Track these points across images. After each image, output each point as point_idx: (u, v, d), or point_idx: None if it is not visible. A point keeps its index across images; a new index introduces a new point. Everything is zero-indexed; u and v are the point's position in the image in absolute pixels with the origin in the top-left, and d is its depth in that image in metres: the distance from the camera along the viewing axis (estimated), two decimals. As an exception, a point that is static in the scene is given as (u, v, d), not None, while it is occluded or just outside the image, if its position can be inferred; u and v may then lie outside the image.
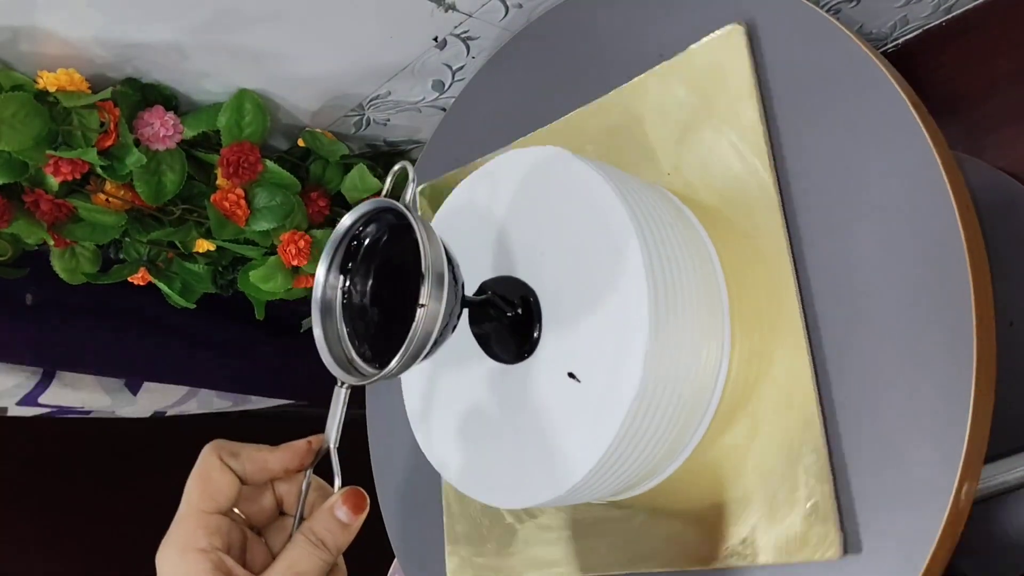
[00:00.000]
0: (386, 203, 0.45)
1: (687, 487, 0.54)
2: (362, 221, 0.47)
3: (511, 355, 0.52)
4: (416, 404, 0.58)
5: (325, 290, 0.48)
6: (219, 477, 0.40)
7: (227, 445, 0.42)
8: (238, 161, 0.84)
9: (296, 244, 0.90)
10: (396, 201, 0.45)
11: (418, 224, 0.42)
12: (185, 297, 0.96)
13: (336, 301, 0.48)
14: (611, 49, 0.66)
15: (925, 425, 0.45)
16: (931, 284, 0.47)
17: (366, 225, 0.48)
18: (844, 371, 0.49)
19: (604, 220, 0.48)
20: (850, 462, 0.47)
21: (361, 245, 0.48)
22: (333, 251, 0.48)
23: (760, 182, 0.53)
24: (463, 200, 0.57)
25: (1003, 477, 0.78)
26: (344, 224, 0.47)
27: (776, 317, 0.51)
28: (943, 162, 0.47)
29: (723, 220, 0.55)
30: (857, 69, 0.51)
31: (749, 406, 0.51)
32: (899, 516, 0.45)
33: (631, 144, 0.61)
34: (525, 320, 0.51)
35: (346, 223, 0.47)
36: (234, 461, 0.41)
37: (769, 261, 0.52)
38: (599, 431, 0.46)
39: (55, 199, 0.82)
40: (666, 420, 0.49)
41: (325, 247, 0.48)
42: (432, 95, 0.92)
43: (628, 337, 0.46)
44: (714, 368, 0.51)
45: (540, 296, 0.51)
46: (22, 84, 0.75)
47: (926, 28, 1.03)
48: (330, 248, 0.48)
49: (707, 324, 0.51)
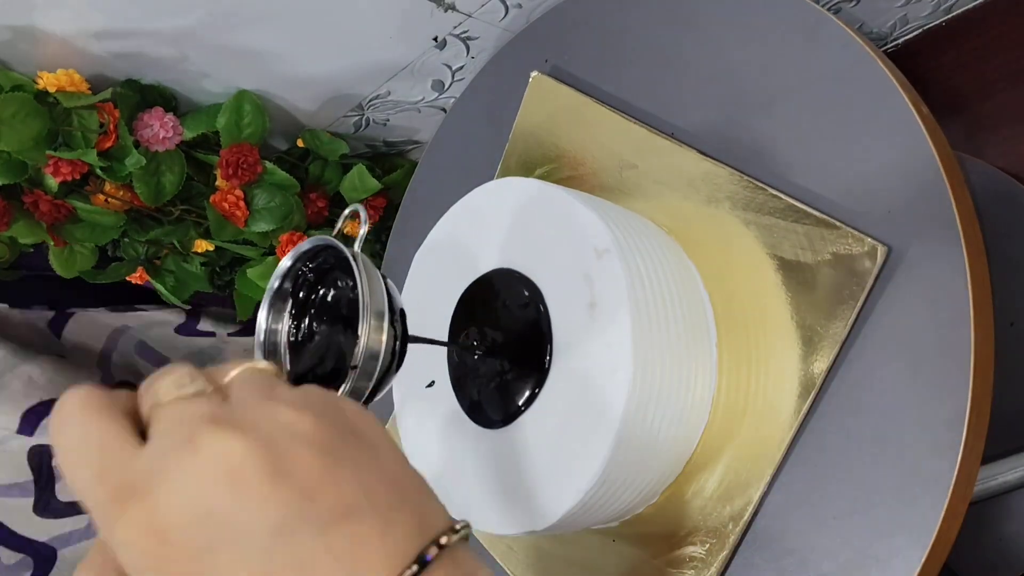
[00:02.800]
0: (326, 241, 0.44)
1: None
2: (303, 260, 0.46)
3: (499, 414, 0.52)
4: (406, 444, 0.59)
5: (268, 332, 0.46)
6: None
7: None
8: (237, 162, 0.84)
9: (295, 244, 0.90)
10: (331, 238, 0.43)
11: (357, 261, 0.42)
12: (177, 294, 0.96)
13: (281, 343, 0.47)
14: (611, 49, 0.66)
15: (923, 425, 0.45)
16: (930, 283, 0.47)
17: (308, 265, 0.46)
18: (843, 370, 0.49)
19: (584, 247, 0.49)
20: (849, 461, 0.47)
21: (303, 286, 0.47)
22: (275, 291, 0.46)
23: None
24: (444, 234, 0.58)
25: (1003, 477, 0.78)
26: (284, 265, 0.46)
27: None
28: (943, 162, 0.47)
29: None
30: (858, 68, 0.51)
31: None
32: (897, 515, 0.45)
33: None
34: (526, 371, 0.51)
35: (286, 264, 0.46)
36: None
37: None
38: (583, 464, 0.47)
39: (54, 199, 0.82)
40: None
41: (265, 290, 0.46)
42: (432, 95, 0.92)
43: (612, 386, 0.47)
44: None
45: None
46: (22, 84, 0.75)
47: (926, 28, 1.03)
48: (271, 289, 0.46)
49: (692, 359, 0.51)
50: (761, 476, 0.50)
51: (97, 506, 0.24)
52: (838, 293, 0.49)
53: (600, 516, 0.52)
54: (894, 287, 0.48)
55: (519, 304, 0.52)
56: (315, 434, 0.25)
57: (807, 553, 0.48)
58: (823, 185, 0.52)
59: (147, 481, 0.23)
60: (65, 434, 0.25)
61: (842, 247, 0.49)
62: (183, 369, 0.27)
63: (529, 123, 0.70)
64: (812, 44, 0.54)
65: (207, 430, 0.24)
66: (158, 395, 0.26)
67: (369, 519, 0.24)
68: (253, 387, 0.27)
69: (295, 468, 0.24)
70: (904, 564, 0.44)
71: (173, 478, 0.23)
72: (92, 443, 0.25)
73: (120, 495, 0.23)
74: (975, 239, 0.46)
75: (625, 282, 0.47)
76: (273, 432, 0.24)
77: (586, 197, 0.53)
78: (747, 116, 0.57)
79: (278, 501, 0.23)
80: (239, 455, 0.23)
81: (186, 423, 0.24)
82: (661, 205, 0.58)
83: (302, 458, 0.24)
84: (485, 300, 0.55)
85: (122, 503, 0.23)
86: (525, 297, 0.52)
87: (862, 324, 0.49)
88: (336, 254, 0.44)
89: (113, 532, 0.23)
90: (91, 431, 0.25)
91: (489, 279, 0.55)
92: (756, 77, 0.57)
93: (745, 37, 0.58)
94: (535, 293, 0.52)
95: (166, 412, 0.25)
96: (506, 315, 0.53)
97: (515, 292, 0.53)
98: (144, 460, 0.24)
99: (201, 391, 0.26)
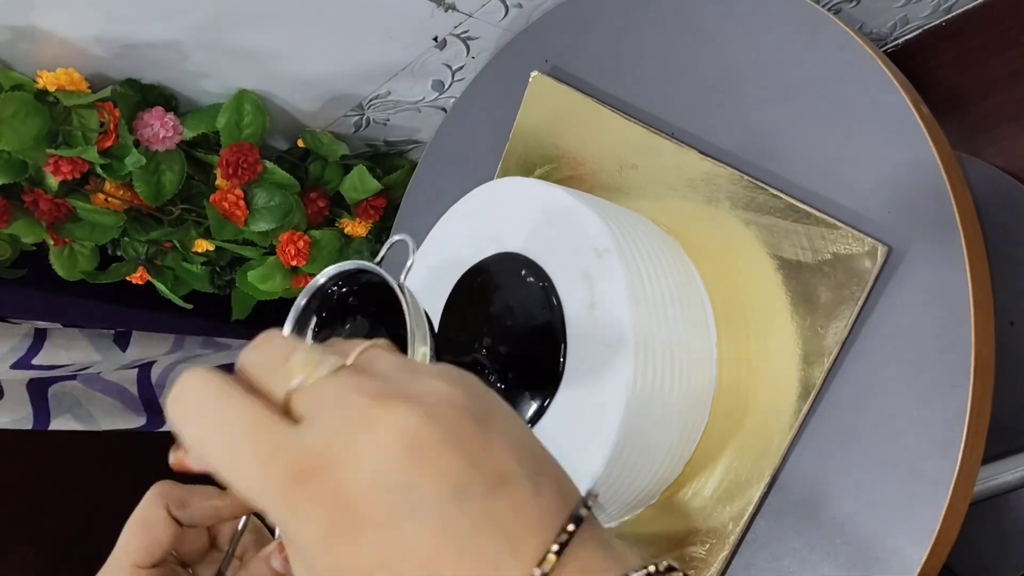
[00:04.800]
0: (369, 267, 0.43)
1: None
2: (335, 281, 0.45)
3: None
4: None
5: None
6: (161, 530, 0.37)
7: (174, 493, 0.38)
8: (237, 161, 0.84)
9: (295, 244, 0.90)
10: (375, 264, 0.43)
11: (405, 294, 0.41)
12: (176, 292, 0.96)
13: None
14: (611, 49, 0.66)
15: (923, 425, 0.45)
16: (930, 284, 0.47)
17: (340, 286, 0.45)
18: (843, 370, 0.49)
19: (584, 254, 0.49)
20: (849, 461, 0.47)
21: (332, 307, 0.46)
22: (302, 309, 0.45)
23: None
24: (444, 234, 0.58)
25: (1003, 477, 0.78)
26: (317, 282, 0.45)
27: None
28: (943, 162, 0.47)
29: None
30: (858, 68, 0.51)
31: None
32: (897, 515, 0.45)
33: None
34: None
35: (319, 281, 0.45)
36: (181, 512, 0.38)
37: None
38: (590, 454, 0.47)
39: (54, 199, 0.82)
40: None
41: (292, 307, 0.45)
42: (432, 95, 0.92)
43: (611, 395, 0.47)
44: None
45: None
46: (22, 84, 0.75)
47: (926, 28, 1.03)
48: (299, 306, 0.45)
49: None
50: (761, 476, 0.50)
51: (268, 489, 0.24)
52: (838, 293, 0.49)
53: (600, 517, 0.52)
54: (894, 287, 0.48)
55: (528, 303, 0.52)
56: (469, 404, 0.26)
57: (807, 553, 0.48)
58: (823, 185, 0.52)
59: (325, 458, 0.24)
60: (203, 422, 0.25)
61: (842, 247, 0.49)
62: (300, 345, 0.27)
63: (529, 123, 0.70)
64: (812, 44, 0.54)
65: (378, 404, 0.24)
66: (291, 373, 0.26)
67: (522, 484, 0.25)
68: (394, 362, 0.27)
69: (461, 437, 0.25)
70: (904, 564, 0.44)
71: (355, 453, 0.24)
72: (243, 427, 0.25)
73: (298, 476, 0.24)
74: (975, 239, 0.46)
75: (625, 282, 0.47)
76: (437, 404, 0.25)
77: (586, 197, 0.53)
78: (747, 116, 0.57)
79: (451, 469, 0.24)
80: (414, 426, 0.24)
81: (350, 400, 0.25)
82: (661, 205, 0.58)
83: (464, 427, 0.25)
84: (485, 295, 0.55)
85: (302, 483, 0.24)
86: (536, 297, 0.52)
87: (862, 324, 0.49)
88: (374, 279, 0.44)
89: (294, 511, 0.24)
90: (237, 415, 0.25)
91: (489, 270, 0.55)
92: (756, 77, 0.57)
93: (745, 37, 0.58)
94: (549, 288, 0.51)
95: (318, 391, 0.26)
96: (512, 316, 0.53)
97: (523, 289, 0.53)
98: (313, 438, 0.24)
99: (340, 368, 0.26)
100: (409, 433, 0.24)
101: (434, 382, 0.26)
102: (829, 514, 0.48)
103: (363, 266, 0.44)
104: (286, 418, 0.25)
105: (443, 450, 0.24)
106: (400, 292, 0.42)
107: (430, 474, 0.24)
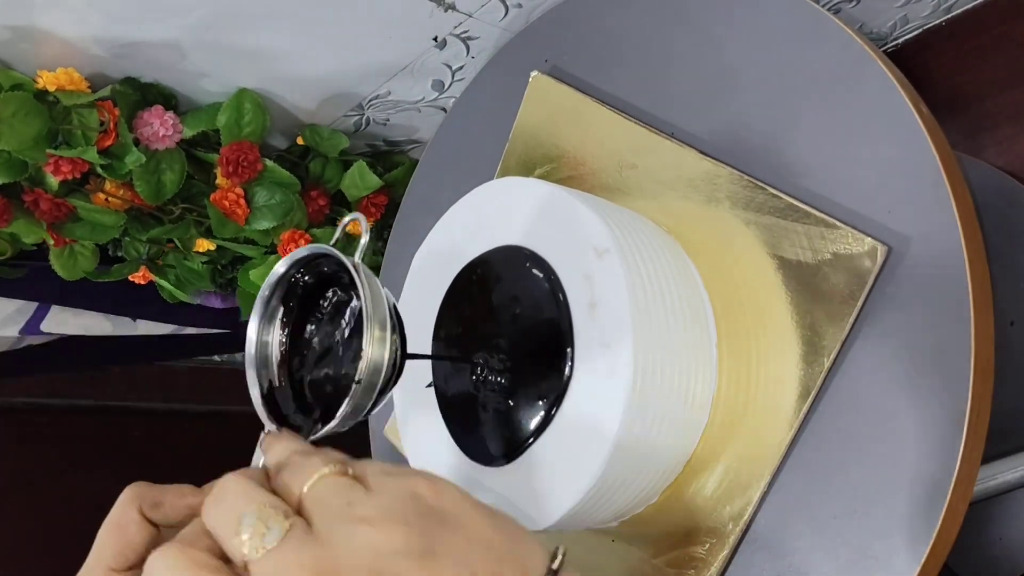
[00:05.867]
0: (323, 249, 0.42)
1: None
2: (297, 268, 0.45)
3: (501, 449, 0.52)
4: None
5: (259, 344, 0.45)
6: (135, 532, 0.37)
7: (149, 494, 0.38)
8: (238, 160, 0.84)
9: (296, 243, 0.90)
10: (329, 247, 0.42)
11: (359, 272, 0.41)
12: (181, 289, 0.96)
13: (272, 355, 0.45)
14: (611, 48, 0.66)
15: (923, 425, 0.45)
16: (930, 284, 0.47)
17: (301, 273, 0.45)
18: (843, 370, 0.49)
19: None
20: (849, 461, 0.47)
21: (297, 295, 0.45)
22: (266, 300, 0.45)
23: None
24: (444, 234, 0.58)
25: (1003, 477, 0.78)
26: (277, 272, 0.44)
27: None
28: (943, 162, 0.47)
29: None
30: (858, 68, 0.51)
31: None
32: (897, 515, 0.45)
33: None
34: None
35: (279, 271, 0.44)
36: (156, 512, 0.38)
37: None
38: (583, 467, 0.47)
39: (55, 198, 0.82)
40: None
41: (256, 300, 0.44)
42: (432, 95, 0.92)
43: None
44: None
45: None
46: (22, 83, 0.75)
47: (926, 28, 1.03)
48: (262, 297, 0.44)
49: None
50: (761, 476, 0.50)
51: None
52: (838, 293, 0.49)
53: (600, 516, 0.52)
54: (894, 287, 0.48)
55: (534, 299, 0.52)
56: (408, 544, 0.27)
57: (807, 553, 0.48)
58: (823, 185, 0.52)
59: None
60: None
61: (842, 247, 0.49)
62: (253, 493, 0.29)
63: (529, 123, 0.70)
64: (812, 44, 0.54)
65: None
66: (242, 546, 0.28)
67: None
68: (338, 502, 0.28)
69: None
70: (904, 564, 0.44)
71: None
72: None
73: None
74: (975, 239, 0.46)
75: (625, 282, 0.47)
76: (374, 562, 0.26)
77: (586, 197, 0.53)
78: (747, 116, 0.57)
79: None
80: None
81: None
82: (661, 205, 0.58)
83: (409, 573, 0.26)
84: (484, 291, 0.55)
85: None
86: (541, 295, 0.52)
87: (862, 324, 0.49)
88: (334, 263, 0.43)
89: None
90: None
91: (490, 264, 0.54)
92: (756, 77, 0.57)
93: (745, 37, 0.58)
94: (555, 286, 0.51)
95: (267, 568, 0.27)
96: (515, 316, 0.53)
97: (528, 288, 0.53)
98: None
99: (288, 531, 0.28)
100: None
101: (369, 533, 0.27)
102: (829, 514, 0.48)
103: (318, 249, 0.43)
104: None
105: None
106: (354, 271, 0.41)
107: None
